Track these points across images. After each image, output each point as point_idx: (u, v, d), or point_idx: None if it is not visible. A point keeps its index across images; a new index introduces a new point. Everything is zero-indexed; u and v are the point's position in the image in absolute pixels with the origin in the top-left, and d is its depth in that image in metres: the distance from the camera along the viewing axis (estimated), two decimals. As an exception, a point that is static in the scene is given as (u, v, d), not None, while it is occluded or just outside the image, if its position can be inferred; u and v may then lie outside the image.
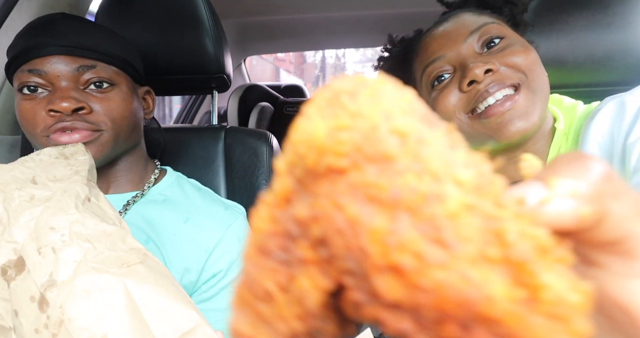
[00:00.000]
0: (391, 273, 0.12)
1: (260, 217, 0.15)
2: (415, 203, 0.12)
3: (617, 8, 0.74)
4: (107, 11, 0.84)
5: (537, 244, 0.12)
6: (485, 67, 0.54)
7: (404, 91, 0.14)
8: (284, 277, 0.14)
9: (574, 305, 0.12)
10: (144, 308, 0.39)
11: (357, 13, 1.77)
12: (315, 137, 0.13)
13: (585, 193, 0.13)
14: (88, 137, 0.60)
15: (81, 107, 0.59)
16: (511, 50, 0.56)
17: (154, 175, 0.73)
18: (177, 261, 0.65)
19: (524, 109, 0.54)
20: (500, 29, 0.58)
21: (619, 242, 0.14)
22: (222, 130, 0.89)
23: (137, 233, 0.65)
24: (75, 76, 0.61)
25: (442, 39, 0.60)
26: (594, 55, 0.77)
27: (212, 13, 0.84)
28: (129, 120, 0.65)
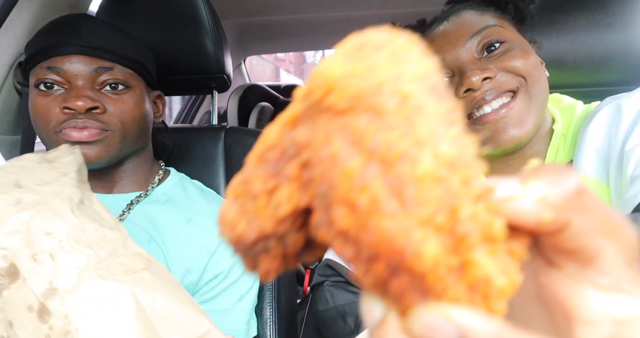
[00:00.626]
0: (347, 207, 0.13)
1: (270, 130, 0.17)
2: (389, 157, 0.13)
3: (617, 8, 0.74)
4: (107, 11, 0.84)
5: (485, 229, 0.14)
6: (483, 75, 0.54)
7: (426, 59, 0.15)
8: (270, 184, 0.16)
9: (498, 288, 0.14)
10: (154, 316, 0.38)
11: (357, 13, 1.77)
12: (328, 76, 0.15)
13: (553, 201, 0.14)
14: (97, 136, 0.61)
15: (95, 106, 0.60)
16: (511, 54, 0.55)
17: (158, 175, 0.73)
18: (179, 261, 0.65)
19: (519, 117, 0.54)
20: (501, 33, 0.57)
21: (577, 252, 0.15)
22: (222, 130, 0.89)
23: (139, 233, 0.65)
24: (93, 76, 0.62)
25: (441, 41, 0.59)
26: (594, 55, 0.77)
27: (212, 13, 0.84)
28: (139, 123, 0.66)
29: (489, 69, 0.55)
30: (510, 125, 0.54)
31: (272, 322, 0.76)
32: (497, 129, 0.55)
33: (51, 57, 0.61)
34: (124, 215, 0.66)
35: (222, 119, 2.07)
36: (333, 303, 0.71)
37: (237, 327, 0.69)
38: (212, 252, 0.67)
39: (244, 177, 0.17)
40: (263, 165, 0.16)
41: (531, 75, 0.55)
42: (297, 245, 0.17)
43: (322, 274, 0.78)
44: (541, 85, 0.56)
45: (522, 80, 0.55)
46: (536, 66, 0.56)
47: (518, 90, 0.55)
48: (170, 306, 0.39)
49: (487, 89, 0.54)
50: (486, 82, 0.55)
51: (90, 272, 0.38)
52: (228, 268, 0.67)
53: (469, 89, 0.55)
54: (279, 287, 0.79)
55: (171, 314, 0.39)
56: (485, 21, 0.58)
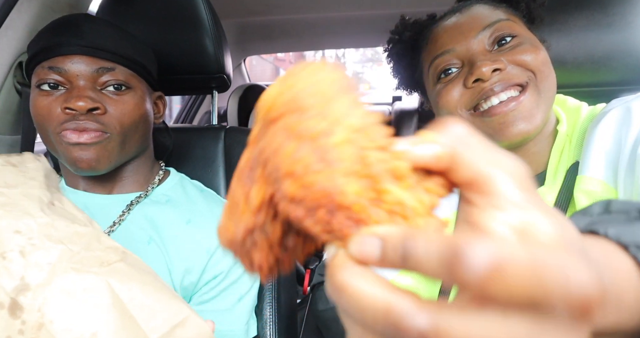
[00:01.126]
0: (290, 178, 0.18)
1: (242, 155, 0.23)
2: (314, 136, 0.18)
3: (617, 8, 0.74)
4: (106, 11, 0.84)
5: (392, 169, 0.19)
6: (493, 66, 0.54)
7: (334, 72, 0.21)
8: (247, 189, 0.21)
9: (412, 209, 0.18)
10: (131, 305, 0.38)
11: (357, 13, 1.77)
12: (267, 99, 0.21)
13: (443, 141, 0.19)
14: (96, 138, 0.61)
15: (96, 107, 0.60)
16: (522, 48, 0.55)
17: (158, 176, 0.73)
18: (179, 262, 0.65)
19: (528, 111, 0.53)
20: (512, 27, 0.57)
21: (473, 181, 0.18)
22: (222, 130, 0.89)
23: (139, 234, 0.65)
24: (94, 77, 0.62)
25: (453, 32, 0.59)
26: (594, 55, 0.77)
27: (212, 13, 0.84)
28: (138, 125, 0.65)
29: (499, 61, 0.54)
30: (520, 119, 0.53)
31: (272, 322, 0.76)
32: (505, 121, 0.54)
33: (53, 57, 0.61)
34: (124, 216, 0.66)
35: (222, 119, 2.07)
36: (333, 302, 0.71)
37: (237, 328, 0.69)
38: (212, 253, 0.67)
39: (230, 194, 0.23)
40: (241, 180, 0.22)
41: (541, 71, 0.55)
42: (277, 233, 0.21)
43: (322, 274, 0.78)
44: (550, 82, 0.56)
45: (532, 75, 0.55)
46: (546, 62, 0.56)
47: (527, 84, 0.54)
48: (148, 295, 0.39)
49: (496, 80, 0.54)
50: (496, 73, 0.54)
51: (63, 266, 0.38)
52: (227, 268, 0.67)
53: (478, 79, 0.55)
54: (279, 287, 0.79)
55: (148, 302, 0.39)
56: (497, 15, 0.58)
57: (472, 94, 0.56)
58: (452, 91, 0.58)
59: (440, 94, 0.59)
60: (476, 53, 0.57)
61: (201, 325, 0.40)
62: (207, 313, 0.67)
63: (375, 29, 2.00)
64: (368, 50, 21.25)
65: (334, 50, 13.68)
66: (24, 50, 0.87)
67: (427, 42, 0.63)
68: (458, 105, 0.58)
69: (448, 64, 0.59)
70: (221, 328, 0.67)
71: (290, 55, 15.92)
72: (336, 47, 2.60)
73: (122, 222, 0.66)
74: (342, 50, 18.41)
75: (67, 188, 0.70)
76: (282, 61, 15.00)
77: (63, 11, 0.92)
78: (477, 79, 0.55)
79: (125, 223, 0.66)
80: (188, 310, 0.40)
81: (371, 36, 2.15)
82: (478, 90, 0.55)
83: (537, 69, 0.54)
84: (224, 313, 0.67)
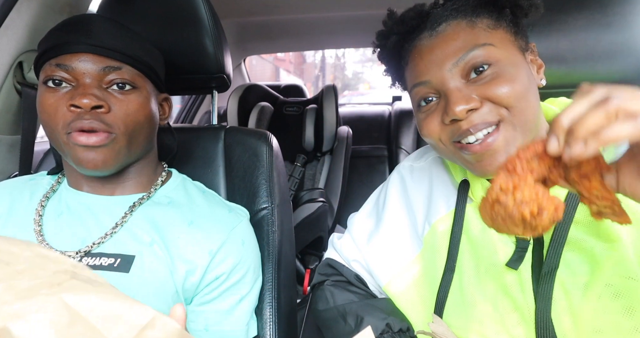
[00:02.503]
0: (498, 203, 0.39)
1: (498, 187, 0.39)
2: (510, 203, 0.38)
3: (617, 8, 0.74)
4: (106, 11, 0.84)
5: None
6: (467, 107, 0.53)
7: None
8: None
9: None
10: (91, 316, 0.36)
11: (357, 13, 1.77)
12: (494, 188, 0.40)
13: None
14: (104, 140, 0.61)
15: (100, 105, 0.60)
16: (497, 81, 0.54)
17: (161, 177, 0.73)
18: (181, 263, 0.65)
19: (503, 147, 0.54)
20: (490, 54, 0.55)
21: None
22: (222, 130, 0.89)
23: (141, 235, 0.65)
24: (100, 75, 0.62)
25: (428, 61, 0.57)
26: (594, 55, 0.77)
27: (212, 13, 0.84)
28: (143, 125, 0.65)
29: (473, 100, 0.54)
30: (495, 155, 0.55)
31: (272, 322, 0.76)
32: (482, 159, 0.55)
33: (61, 55, 0.61)
34: (126, 217, 0.66)
35: (222, 119, 2.07)
36: (333, 302, 0.71)
37: (238, 328, 0.69)
38: (214, 254, 0.67)
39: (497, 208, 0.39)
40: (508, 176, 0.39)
41: (515, 107, 0.54)
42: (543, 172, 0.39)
43: (322, 273, 0.78)
44: (528, 113, 0.55)
45: (505, 112, 0.54)
46: (522, 95, 0.54)
47: (501, 122, 0.54)
48: (107, 302, 0.37)
49: (472, 120, 0.54)
50: (471, 112, 0.54)
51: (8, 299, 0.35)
52: (229, 270, 0.67)
53: (454, 119, 0.55)
54: (279, 287, 0.79)
55: (110, 310, 0.37)
56: (474, 39, 0.55)
57: (451, 130, 0.57)
58: (432, 123, 0.58)
59: (422, 124, 0.60)
60: (450, 89, 0.55)
61: (170, 323, 0.39)
62: (208, 314, 0.67)
63: (375, 29, 1.99)
64: (368, 50, 21.19)
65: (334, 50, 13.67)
66: (24, 49, 0.87)
67: (406, 61, 0.62)
68: (440, 137, 0.59)
69: (426, 94, 0.59)
70: (222, 329, 0.67)
71: (290, 55, 15.93)
72: (336, 47, 2.60)
73: (124, 223, 0.66)
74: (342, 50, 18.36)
75: (70, 189, 0.70)
76: (282, 61, 14.99)
77: (63, 11, 0.92)
78: (453, 119, 0.55)
79: (128, 225, 0.66)
80: (153, 311, 0.39)
81: (371, 36, 2.15)
82: (456, 127, 0.56)
83: (511, 105, 0.54)
84: (224, 314, 0.68)
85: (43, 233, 0.65)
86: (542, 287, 0.54)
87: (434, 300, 0.63)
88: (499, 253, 0.58)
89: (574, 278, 0.53)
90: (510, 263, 0.57)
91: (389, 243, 0.70)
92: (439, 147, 0.60)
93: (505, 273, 0.57)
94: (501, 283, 0.58)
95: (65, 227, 0.66)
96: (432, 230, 0.66)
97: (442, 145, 0.59)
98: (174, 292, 0.64)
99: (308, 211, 1.56)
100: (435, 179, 0.70)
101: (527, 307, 0.55)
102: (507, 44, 0.57)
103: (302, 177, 1.84)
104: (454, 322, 0.60)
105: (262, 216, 0.82)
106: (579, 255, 0.54)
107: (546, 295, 0.54)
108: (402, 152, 1.99)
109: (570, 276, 0.53)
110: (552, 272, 0.54)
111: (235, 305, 0.68)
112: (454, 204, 0.65)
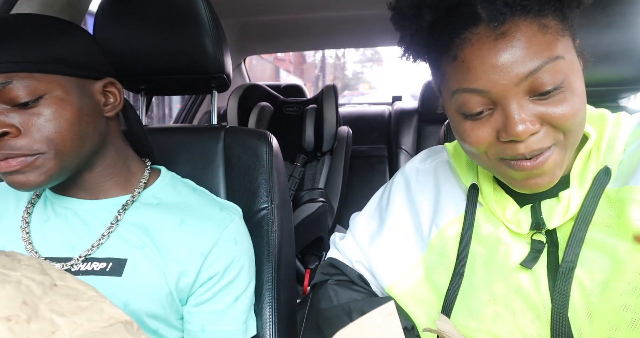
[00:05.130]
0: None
1: None
2: None
3: (617, 8, 0.74)
4: (106, 11, 0.84)
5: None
6: (531, 131, 0.49)
7: None
8: None
9: None
10: None
11: (357, 13, 1.77)
12: None
13: None
14: (25, 164, 0.56)
15: (6, 131, 0.54)
16: (562, 103, 0.49)
17: (144, 178, 0.70)
18: (174, 265, 0.64)
19: (551, 170, 0.52)
20: (561, 70, 0.48)
21: None
22: (222, 130, 0.89)
23: (132, 239, 0.65)
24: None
25: (490, 67, 0.48)
26: (594, 55, 0.77)
27: (212, 13, 0.84)
28: (70, 129, 0.58)
29: (535, 122, 0.49)
30: (542, 176, 0.52)
31: (272, 322, 0.76)
32: (528, 177, 0.53)
33: None
34: (115, 223, 0.65)
35: (222, 119, 2.06)
36: (337, 301, 0.71)
37: (234, 328, 0.68)
38: (206, 254, 0.66)
39: None
40: None
41: (573, 131, 0.51)
42: None
43: (325, 273, 0.77)
44: (577, 136, 0.52)
45: (561, 136, 0.51)
46: (582, 118, 0.51)
47: (556, 144, 0.52)
48: None
49: (531, 143, 0.50)
50: (531, 136, 0.50)
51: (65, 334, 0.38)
52: (223, 269, 0.67)
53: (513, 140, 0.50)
54: (278, 287, 0.79)
55: None
56: (547, 49, 0.47)
57: (503, 148, 0.52)
58: (482, 135, 0.52)
59: (468, 133, 0.54)
60: (514, 106, 0.49)
61: None
62: (204, 314, 0.67)
63: (375, 29, 2.00)
64: (368, 50, 21.20)
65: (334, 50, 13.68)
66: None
67: (455, 56, 0.51)
68: (488, 150, 0.54)
69: (477, 104, 0.51)
70: (219, 329, 0.67)
71: (290, 55, 15.92)
72: (336, 47, 2.60)
73: (114, 228, 0.65)
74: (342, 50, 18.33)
75: (55, 194, 0.68)
76: (282, 61, 14.99)
77: (63, 11, 0.92)
78: (512, 139, 0.50)
79: (118, 230, 0.65)
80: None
81: (371, 36, 2.15)
82: (511, 147, 0.51)
83: (569, 130, 0.50)
84: (220, 314, 0.67)
85: (31, 241, 0.64)
86: (560, 285, 0.54)
87: (438, 301, 0.63)
88: (512, 254, 0.58)
89: (592, 276, 0.53)
90: (525, 263, 0.56)
91: (392, 245, 0.70)
92: (481, 158, 0.55)
93: (518, 272, 0.57)
94: (514, 283, 0.57)
95: (53, 233, 0.65)
96: (440, 233, 0.65)
97: (486, 158, 0.55)
98: (168, 293, 0.64)
99: (308, 211, 1.56)
100: (442, 182, 0.70)
101: (542, 305, 0.55)
102: (571, 52, 0.51)
103: (302, 177, 1.84)
104: (463, 322, 0.60)
105: (262, 216, 0.82)
106: (599, 253, 0.53)
107: (564, 293, 0.53)
108: (402, 152, 1.99)
109: (587, 274, 0.53)
110: (571, 270, 0.53)
111: (230, 304, 0.68)
112: (462, 208, 0.64)
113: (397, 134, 2.03)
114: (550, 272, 0.56)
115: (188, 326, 0.67)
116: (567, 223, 0.56)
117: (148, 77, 0.88)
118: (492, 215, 0.61)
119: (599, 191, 0.54)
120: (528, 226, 0.57)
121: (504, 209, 0.59)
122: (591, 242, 0.54)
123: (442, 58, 0.53)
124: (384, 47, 9.33)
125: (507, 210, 0.59)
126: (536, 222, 0.57)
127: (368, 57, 22.25)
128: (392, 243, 0.70)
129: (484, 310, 0.59)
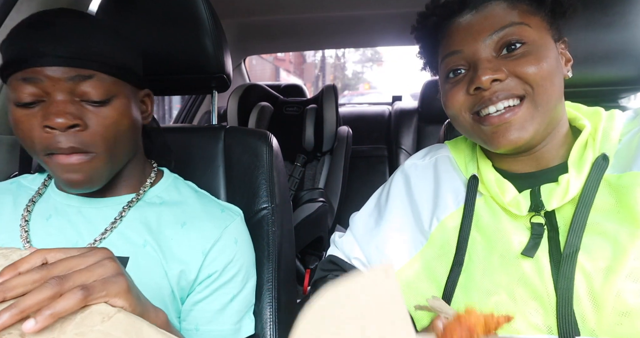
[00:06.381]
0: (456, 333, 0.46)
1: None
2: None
3: (617, 8, 0.74)
4: (106, 11, 0.84)
5: None
6: (493, 77, 0.56)
7: None
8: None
9: None
10: None
11: (357, 13, 1.77)
12: None
13: None
14: (82, 162, 0.58)
15: (76, 123, 0.56)
16: (526, 59, 0.56)
17: (150, 178, 0.72)
18: (175, 263, 0.65)
19: (520, 123, 0.56)
20: (524, 33, 0.57)
21: None
22: (222, 130, 0.89)
23: (134, 237, 0.65)
24: (71, 86, 0.57)
25: (464, 32, 0.60)
26: (594, 55, 0.77)
27: (212, 13, 0.84)
28: (124, 135, 0.62)
29: (501, 71, 0.56)
30: (511, 130, 0.57)
31: (272, 322, 0.76)
32: (497, 131, 0.57)
33: (25, 68, 0.56)
34: (118, 220, 0.65)
35: (222, 119, 2.06)
36: None
37: (226, 328, 0.68)
38: (207, 252, 0.66)
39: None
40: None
41: (540, 85, 0.56)
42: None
43: (325, 269, 0.78)
44: (549, 94, 0.57)
45: (529, 88, 0.56)
46: (547, 76, 0.56)
47: (524, 97, 0.57)
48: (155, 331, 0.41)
49: (496, 90, 0.57)
50: (495, 83, 0.57)
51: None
52: (222, 267, 0.67)
53: (478, 88, 0.57)
54: (278, 287, 0.79)
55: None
56: (511, 17, 0.58)
57: (474, 100, 0.59)
58: (458, 94, 0.61)
59: (447, 95, 0.63)
60: (481, 59, 0.58)
61: None
62: (199, 313, 0.67)
63: (375, 29, 2.00)
64: (368, 50, 21.22)
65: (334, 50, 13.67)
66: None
67: (443, 35, 0.64)
68: (462, 107, 0.61)
69: (456, 64, 0.61)
70: (211, 329, 0.67)
71: (290, 55, 15.93)
72: (336, 47, 2.60)
73: (117, 225, 0.65)
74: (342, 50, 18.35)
75: (59, 192, 0.69)
76: (282, 61, 15.00)
77: (63, 11, 0.92)
78: (477, 87, 0.57)
79: (120, 227, 0.66)
80: None
81: (371, 36, 2.15)
82: (479, 97, 0.58)
83: (535, 83, 0.56)
84: (215, 314, 0.67)
85: (30, 239, 0.64)
86: (563, 270, 0.54)
87: (438, 293, 0.63)
88: (513, 242, 0.59)
89: (594, 262, 0.53)
90: (526, 251, 0.57)
91: (390, 239, 0.71)
92: (458, 119, 0.62)
93: (520, 261, 0.58)
94: (517, 272, 0.58)
95: (54, 231, 0.65)
96: (440, 226, 0.66)
97: (462, 117, 0.61)
98: (170, 292, 0.64)
99: (308, 211, 1.56)
100: (441, 176, 0.71)
101: (546, 293, 0.55)
102: (541, 29, 0.59)
103: (302, 177, 1.84)
104: None
105: (262, 216, 0.82)
106: (600, 239, 0.54)
107: (569, 276, 0.54)
108: (402, 152, 1.99)
109: (589, 260, 0.54)
110: (574, 254, 0.54)
111: (226, 304, 0.68)
112: (463, 200, 0.66)
113: (397, 133, 2.03)
114: (553, 258, 0.56)
115: (184, 324, 0.67)
116: (566, 207, 0.57)
117: (148, 77, 0.88)
118: (493, 200, 0.62)
119: (598, 175, 0.56)
120: (527, 208, 0.58)
121: (504, 193, 0.61)
122: (593, 226, 0.55)
123: (438, 42, 0.66)
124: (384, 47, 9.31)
125: (506, 194, 0.61)
126: (535, 204, 0.58)
127: (368, 57, 22.28)
128: (391, 237, 0.71)
129: (485, 300, 0.59)
